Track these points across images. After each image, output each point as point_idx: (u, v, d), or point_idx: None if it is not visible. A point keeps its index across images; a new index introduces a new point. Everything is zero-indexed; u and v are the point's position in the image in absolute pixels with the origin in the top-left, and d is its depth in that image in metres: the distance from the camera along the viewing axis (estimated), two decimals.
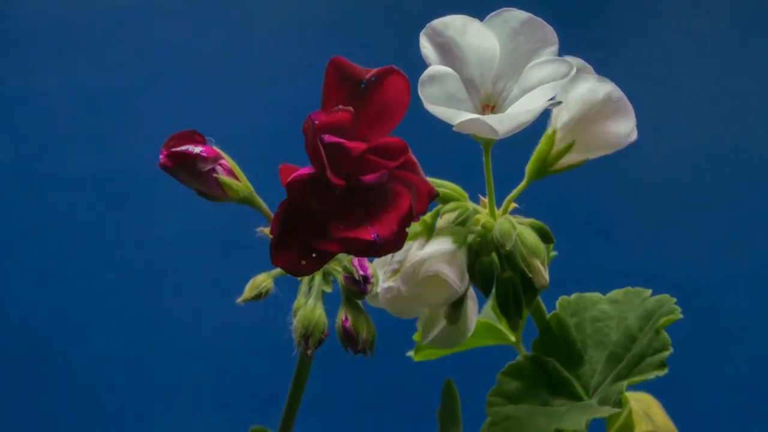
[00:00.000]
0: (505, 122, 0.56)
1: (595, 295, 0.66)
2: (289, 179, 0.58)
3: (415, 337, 0.75)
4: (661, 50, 1.49)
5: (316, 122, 0.58)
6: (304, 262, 0.58)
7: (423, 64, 0.62)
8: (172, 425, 1.46)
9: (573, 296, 0.67)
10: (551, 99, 0.56)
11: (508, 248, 0.59)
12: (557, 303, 0.67)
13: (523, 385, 0.64)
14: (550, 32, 0.59)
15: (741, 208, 1.40)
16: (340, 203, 0.59)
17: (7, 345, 1.46)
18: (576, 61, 0.59)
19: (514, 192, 0.63)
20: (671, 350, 0.60)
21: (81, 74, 1.51)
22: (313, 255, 0.58)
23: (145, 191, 1.46)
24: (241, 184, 0.65)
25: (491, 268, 0.60)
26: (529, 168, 0.62)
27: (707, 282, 1.39)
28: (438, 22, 0.60)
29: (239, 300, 0.65)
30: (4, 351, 1.46)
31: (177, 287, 1.47)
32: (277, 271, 0.67)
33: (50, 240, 1.48)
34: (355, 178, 0.58)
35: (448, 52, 0.60)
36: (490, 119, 0.56)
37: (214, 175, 0.64)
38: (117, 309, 1.47)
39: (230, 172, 0.65)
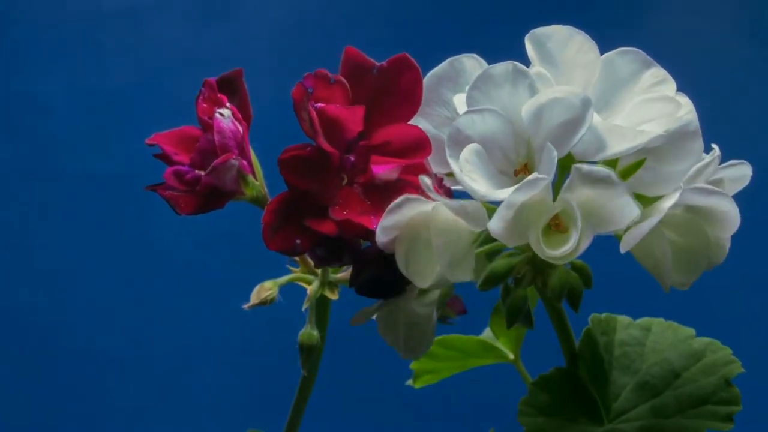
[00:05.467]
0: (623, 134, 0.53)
1: (625, 319, 0.64)
2: (282, 155, 0.56)
3: (413, 366, 0.75)
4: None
5: (311, 91, 0.56)
6: (299, 241, 0.56)
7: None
8: (174, 426, 1.44)
9: (603, 315, 0.64)
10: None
11: (555, 305, 0.56)
12: (590, 319, 0.64)
13: (552, 397, 0.62)
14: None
15: (743, 205, 1.38)
16: (344, 193, 0.57)
17: (8, 344, 1.45)
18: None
19: None
20: (741, 407, 0.59)
21: (81, 74, 1.49)
22: (307, 233, 0.56)
23: (146, 191, 1.45)
24: (258, 183, 0.62)
25: (523, 304, 0.56)
26: None
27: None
28: (541, 31, 0.56)
29: (245, 306, 0.64)
30: (4, 350, 1.45)
31: (179, 287, 1.45)
32: (283, 279, 0.66)
33: (52, 239, 1.46)
34: (364, 166, 0.57)
35: (548, 62, 0.56)
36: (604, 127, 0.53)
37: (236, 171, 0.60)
38: (117, 309, 1.45)
39: (251, 169, 0.61)
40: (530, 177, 0.51)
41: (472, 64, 0.56)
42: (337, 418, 1.37)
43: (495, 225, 0.51)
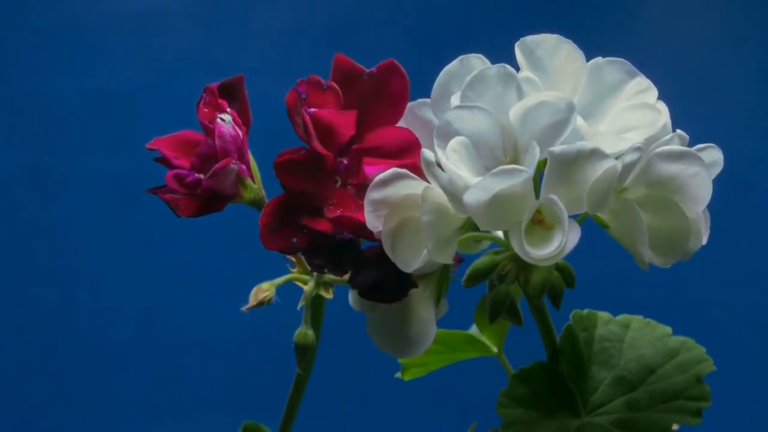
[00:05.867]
0: (605, 140, 0.53)
1: (606, 315, 0.65)
2: (277, 159, 0.57)
3: (401, 359, 0.75)
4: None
5: (304, 97, 0.57)
6: (296, 240, 0.57)
7: (418, 72, 0.61)
8: (174, 419, 1.45)
9: (585, 312, 0.65)
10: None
11: (536, 302, 0.57)
12: (571, 315, 0.65)
13: (532, 390, 0.62)
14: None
15: (737, 206, 1.39)
16: (338, 194, 0.57)
17: (19, 339, 1.45)
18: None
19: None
20: (710, 403, 0.60)
21: (92, 76, 1.49)
22: (304, 231, 0.57)
23: None
24: (256, 186, 0.63)
25: (504, 300, 0.57)
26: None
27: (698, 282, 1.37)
28: (530, 39, 0.57)
29: (244, 308, 0.65)
30: (15, 345, 1.46)
31: (182, 285, 1.46)
32: (280, 279, 0.66)
33: (61, 238, 1.47)
34: (356, 168, 0.58)
35: (537, 69, 0.57)
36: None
37: (236, 174, 0.61)
38: (125, 306, 1.46)
39: (249, 173, 0.62)
40: (508, 166, 0.51)
41: (478, 63, 0.57)
42: (328, 410, 1.37)
43: (469, 199, 0.51)
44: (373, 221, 0.56)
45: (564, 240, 0.51)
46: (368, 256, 0.58)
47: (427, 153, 0.54)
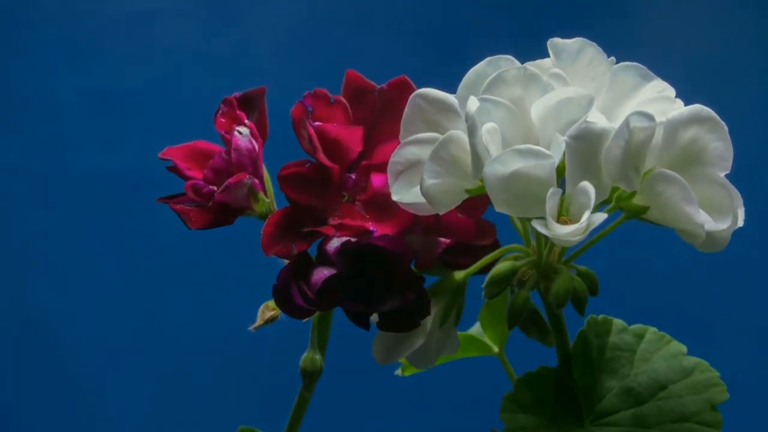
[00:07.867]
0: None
1: (620, 323, 0.63)
2: (281, 172, 0.56)
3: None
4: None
5: (311, 110, 0.56)
6: (295, 245, 0.56)
7: (424, 75, 0.60)
8: (176, 422, 1.45)
9: (600, 317, 0.63)
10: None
11: (556, 311, 0.55)
12: (586, 321, 0.63)
13: (536, 395, 0.61)
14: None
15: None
16: (345, 207, 0.57)
17: (17, 341, 1.45)
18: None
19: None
20: None
21: (90, 75, 1.49)
22: (304, 236, 0.56)
23: (153, 191, 1.45)
24: (269, 200, 0.62)
25: (524, 305, 0.55)
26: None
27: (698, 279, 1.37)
28: (557, 41, 0.56)
29: (251, 328, 0.65)
30: (15, 345, 1.46)
31: (183, 287, 1.46)
32: None
33: (59, 239, 1.47)
34: (365, 184, 0.57)
35: (564, 70, 0.55)
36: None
37: (248, 188, 0.60)
38: (125, 307, 1.46)
39: (262, 187, 0.61)
40: (534, 146, 0.50)
41: (507, 65, 0.56)
42: (328, 408, 1.37)
43: (488, 171, 0.50)
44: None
45: (589, 215, 0.49)
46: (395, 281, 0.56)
47: (472, 100, 0.52)
